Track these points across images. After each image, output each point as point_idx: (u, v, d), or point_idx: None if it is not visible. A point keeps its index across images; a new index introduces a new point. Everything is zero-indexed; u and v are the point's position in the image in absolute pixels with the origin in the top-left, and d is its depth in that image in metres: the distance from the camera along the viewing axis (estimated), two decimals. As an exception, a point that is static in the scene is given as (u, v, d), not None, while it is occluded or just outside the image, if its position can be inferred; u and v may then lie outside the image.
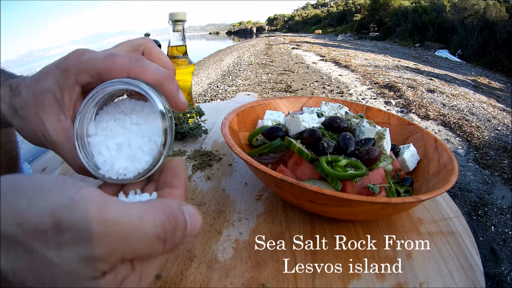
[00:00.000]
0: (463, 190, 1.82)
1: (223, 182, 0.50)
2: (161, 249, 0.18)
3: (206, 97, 3.83)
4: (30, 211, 0.15)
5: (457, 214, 0.45)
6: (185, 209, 0.20)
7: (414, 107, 3.12)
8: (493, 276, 1.24)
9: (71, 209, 0.16)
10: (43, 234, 0.15)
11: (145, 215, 0.18)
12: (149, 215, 0.18)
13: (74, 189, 0.16)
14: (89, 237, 0.15)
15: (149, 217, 0.18)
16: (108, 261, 0.16)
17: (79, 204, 0.16)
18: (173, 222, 0.19)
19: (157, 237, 0.18)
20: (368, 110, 0.62)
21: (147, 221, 0.17)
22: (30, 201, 0.16)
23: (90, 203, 0.16)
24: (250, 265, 0.34)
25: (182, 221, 0.20)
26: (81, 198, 0.16)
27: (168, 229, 0.18)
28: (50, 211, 0.15)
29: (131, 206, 0.18)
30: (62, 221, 0.15)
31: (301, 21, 40.13)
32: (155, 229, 0.18)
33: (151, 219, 0.18)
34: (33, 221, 0.15)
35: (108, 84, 0.23)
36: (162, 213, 0.19)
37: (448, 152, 0.45)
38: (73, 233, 0.15)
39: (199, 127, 0.65)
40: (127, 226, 0.16)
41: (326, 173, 0.38)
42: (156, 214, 0.18)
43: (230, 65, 6.68)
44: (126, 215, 0.17)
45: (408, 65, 6.01)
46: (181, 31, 0.67)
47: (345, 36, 16.49)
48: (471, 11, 9.57)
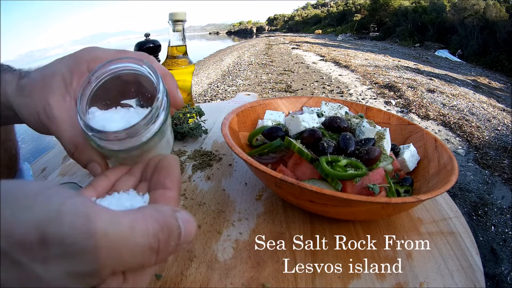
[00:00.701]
0: (463, 190, 1.82)
1: (223, 182, 0.50)
2: (154, 259, 0.18)
3: (206, 97, 3.83)
4: (15, 222, 0.14)
5: (457, 214, 0.45)
6: (179, 215, 0.19)
7: (414, 107, 3.12)
8: (493, 276, 1.24)
9: (56, 223, 0.15)
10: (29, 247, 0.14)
11: (136, 225, 0.17)
12: (141, 224, 0.17)
13: (59, 200, 0.15)
14: (77, 252, 0.15)
15: (141, 227, 0.17)
16: (98, 276, 0.16)
17: (65, 216, 0.15)
18: (167, 231, 0.18)
19: (149, 248, 0.17)
20: (368, 110, 0.62)
21: (138, 231, 0.16)
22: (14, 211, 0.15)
23: (77, 216, 0.15)
24: (250, 265, 0.34)
25: (176, 228, 0.19)
26: (67, 210, 0.15)
27: (161, 239, 0.17)
28: (35, 224, 0.14)
29: (121, 215, 0.17)
30: (48, 235, 0.14)
31: (301, 21, 40.13)
32: (147, 239, 0.17)
33: (143, 228, 0.17)
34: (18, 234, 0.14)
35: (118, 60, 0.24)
36: (155, 221, 0.18)
37: (448, 152, 0.45)
38: (59, 248, 0.15)
39: (199, 127, 0.65)
40: (117, 238, 0.16)
41: (326, 173, 0.38)
42: (149, 223, 0.17)
43: (230, 65, 6.68)
44: (115, 226, 0.16)
45: (408, 65, 6.01)
46: (181, 31, 0.67)
47: (345, 36, 16.49)
48: (471, 11, 9.57)
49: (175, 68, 0.67)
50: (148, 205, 0.20)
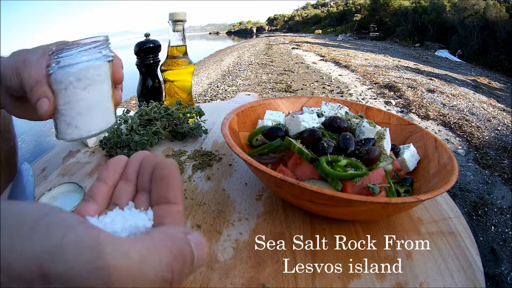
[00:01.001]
0: (463, 190, 1.82)
1: (223, 182, 0.50)
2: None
3: (206, 97, 3.83)
4: (13, 254, 0.13)
5: (457, 214, 0.45)
6: (191, 238, 0.18)
7: (414, 107, 3.12)
8: (493, 276, 1.24)
9: (57, 257, 0.13)
10: (29, 282, 0.13)
11: (148, 257, 0.15)
12: (153, 256, 0.16)
13: (61, 231, 0.14)
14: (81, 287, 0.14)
15: (153, 257, 0.16)
16: None
17: (68, 251, 0.14)
18: (181, 260, 0.17)
19: (162, 281, 0.16)
20: (368, 110, 0.62)
21: (150, 264, 0.15)
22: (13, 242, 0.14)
23: (81, 250, 0.14)
24: (250, 265, 0.34)
25: (190, 254, 0.17)
26: (70, 242, 0.14)
27: (175, 270, 0.16)
28: (35, 258, 0.13)
29: (130, 245, 0.15)
30: (49, 271, 0.13)
31: (301, 21, 40.12)
32: (161, 272, 0.16)
33: (156, 260, 0.16)
34: (17, 268, 0.13)
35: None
36: (169, 251, 0.16)
37: (448, 152, 0.45)
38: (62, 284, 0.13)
39: (199, 127, 0.65)
40: (127, 273, 0.14)
41: (326, 173, 0.38)
42: (161, 253, 0.16)
43: (230, 65, 6.68)
44: (125, 261, 0.14)
45: (408, 65, 6.01)
46: (181, 31, 0.67)
47: (345, 36, 16.49)
48: (471, 11, 9.57)
49: (175, 68, 0.67)
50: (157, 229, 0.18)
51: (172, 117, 0.63)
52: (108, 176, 0.23)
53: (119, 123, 0.60)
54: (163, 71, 0.68)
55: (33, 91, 0.31)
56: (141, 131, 0.58)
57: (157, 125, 0.61)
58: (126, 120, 0.60)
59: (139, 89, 0.76)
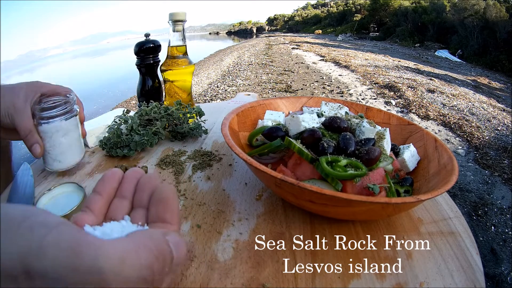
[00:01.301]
0: (463, 190, 1.82)
1: (223, 182, 0.50)
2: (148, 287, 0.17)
3: (206, 97, 3.84)
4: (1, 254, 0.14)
5: (457, 214, 0.45)
6: (169, 239, 0.18)
7: (414, 107, 3.12)
8: (493, 276, 1.24)
9: (39, 256, 0.14)
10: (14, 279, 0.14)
11: (127, 256, 0.16)
12: (132, 255, 0.16)
13: (43, 230, 0.15)
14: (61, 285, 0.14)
15: (132, 258, 0.16)
16: None
17: (48, 250, 0.14)
18: (161, 259, 0.17)
19: (143, 281, 0.16)
20: (368, 110, 0.62)
21: (129, 264, 0.15)
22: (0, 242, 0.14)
23: (60, 249, 0.14)
24: (250, 265, 0.34)
25: (169, 254, 0.18)
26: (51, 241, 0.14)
27: (156, 270, 0.17)
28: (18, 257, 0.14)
29: (110, 246, 0.15)
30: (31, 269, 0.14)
31: (301, 21, 40.12)
32: (140, 271, 0.16)
33: (135, 260, 0.16)
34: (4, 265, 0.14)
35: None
36: (149, 252, 0.17)
37: (448, 152, 0.45)
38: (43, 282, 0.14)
39: (199, 127, 0.65)
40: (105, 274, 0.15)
41: (326, 173, 0.38)
42: (141, 254, 0.16)
43: (230, 65, 6.68)
44: (103, 259, 0.15)
45: (408, 65, 6.01)
46: (181, 31, 0.67)
47: (345, 36, 16.49)
48: (471, 11, 9.57)
49: (175, 68, 0.67)
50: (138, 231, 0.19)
51: (172, 117, 0.63)
52: (104, 189, 0.24)
53: (119, 123, 0.60)
54: (163, 71, 0.68)
55: (27, 138, 0.44)
56: (141, 131, 0.58)
57: (157, 125, 0.61)
58: (126, 120, 0.60)
59: (139, 89, 0.76)
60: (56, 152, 0.49)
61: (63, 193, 0.45)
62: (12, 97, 0.43)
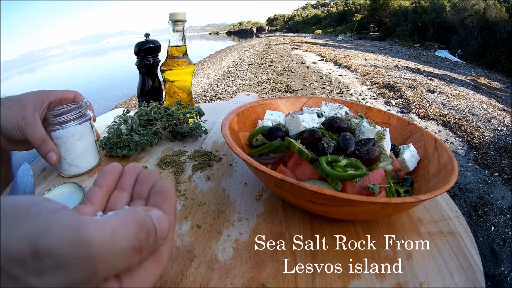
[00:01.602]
0: (463, 190, 1.82)
1: (223, 182, 0.50)
2: (138, 258, 0.19)
3: (206, 97, 3.84)
4: (9, 239, 0.15)
5: (457, 214, 0.45)
6: (152, 214, 0.21)
7: (414, 107, 3.12)
8: (493, 276, 1.24)
9: (46, 236, 0.16)
10: (23, 262, 0.15)
11: (118, 229, 0.18)
12: (122, 228, 0.18)
13: (48, 214, 0.16)
14: (67, 262, 0.15)
15: (122, 230, 0.18)
16: (92, 283, 0.17)
17: (54, 229, 0.16)
18: (145, 229, 0.19)
19: (133, 249, 0.18)
20: (368, 110, 0.62)
21: (120, 235, 0.18)
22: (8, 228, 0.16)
23: (64, 228, 0.16)
24: (250, 265, 0.34)
25: (152, 226, 0.20)
26: (55, 223, 0.16)
27: (141, 238, 0.19)
28: (27, 239, 0.15)
29: (104, 222, 0.18)
30: (39, 249, 0.15)
31: (301, 21, 40.11)
32: (129, 241, 0.18)
33: (124, 232, 0.18)
34: (13, 250, 0.15)
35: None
36: (134, 222, 0.19)
37: (448, 152, 0.45)
38: (51, 260, 0.15)
39: (199, 127, 0.65)
40: (102, 245, 0.17)
41: (326, 173, 0.38)
42: (129, 225, 0.18)
43: (230, 65, 6.68)
44: (100, 234, 0.17)
45: (408, 65, 6.01)
46: (181, 31, 0.67)
47: (345, 36, 16.49)
48: (471, 11, 9.57)
49: (175, 68, 0.67)
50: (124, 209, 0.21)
51: (172, 117, 0.63)
52: (104, 182, 0.26)
53: (119, 123, 0.60)
54: (163, 71, 0.68)
55: (41, 148, 0.44)
56: (141, 131, 0.58)
57: (157, 125, 0.61)
58: (126, 120, 0.60)
59: (139, 89, 0.76)
60: (72, 157, 0.49)
61: (63, 193, 0.45)
62: (21, 109, 0.42)
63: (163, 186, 0.25)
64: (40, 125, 0.44)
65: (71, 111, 0.47)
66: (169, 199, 0.24)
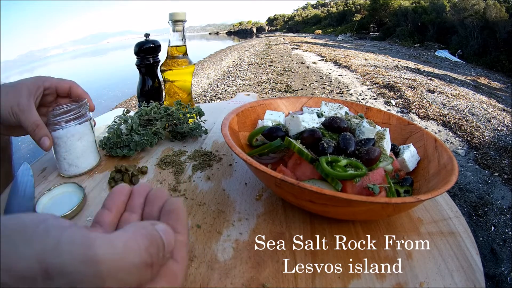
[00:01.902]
0: (463, 190, 1.82)
1: (223, 182, 0.50)
2: (149, 274, 0.18)
3: (206, 97, 3.84)
4: (17, 257, 0.15)
5: (457, 214, 0.45)
6: (158, 228, 0.20)
7: (414, 107, 3.12)
8: (493, 276, 1.24)
9: (56, 254, 0.15)
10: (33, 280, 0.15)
11: (129, 244, 0.17)
12: (132, 243, 0.18)
13: (57, 231, 0.16)
14: (79, 280, 0.15)
15: (133, 245, 0.18)
16: None
17: (64, 247, 0.16)
18: (155, 244, 0.19)
19: (144, 264, 0.18)
20: (368, 110, 0.62)
21: (132, 251, 0.17)
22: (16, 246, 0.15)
23: (75, 244, 0.16)
24: (250, 265, 0.34)
25: (160, 240, 0.20)
26: (65, 239, 0.16)
27: (152, 253, 0.18)
28: (36, 257, 0.15)
29: (115, 238, 0.17)
30: (49, 267, 0.15)
31: (301, 21, 40.12)
32: (141, 257, 0.18)
33: (135, 247, 0.18)
34: (21, 268, 0.15)
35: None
36: (144, 237, 0.18)
37: (448, 152, 0.45)
38: (62, 278, 0.15)
39: (199, 127, 0.65)
40: (114, 261, 0.16)
41: (326, 173, 0.38)
42: (140, 241, 0.18)
43: (230, 65, 6.68)
44: (112, 250, 0.16)
45: (408, 65, 6.01)
46: (181, 31, 0.67)
47: (345, 36, 16.49)
48: (471, 11, 9.56)
49: (175, 68, 0.67)
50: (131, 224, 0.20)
51: (172, 117, 0.63)
52: (113, 204, 0.25)
53: (119, 123, 0.60)
54: (163, 71, 0.68)
55: (35, 133, 0.43)
56: (141, 131, 0.58)
57: (157, 125, 0.61)
58: (126, 120, 0.60)
59: (139, 89, 0.76)
60: (72, 157, 0.49)
61: (63, 193, 0.45)
62: (15, 95, 0.42)
63: (174, 205, 0.24)
64: (34, 110, 0.43)
65: (71, 111, 0.47)
66: (181, 218, 0.24)
